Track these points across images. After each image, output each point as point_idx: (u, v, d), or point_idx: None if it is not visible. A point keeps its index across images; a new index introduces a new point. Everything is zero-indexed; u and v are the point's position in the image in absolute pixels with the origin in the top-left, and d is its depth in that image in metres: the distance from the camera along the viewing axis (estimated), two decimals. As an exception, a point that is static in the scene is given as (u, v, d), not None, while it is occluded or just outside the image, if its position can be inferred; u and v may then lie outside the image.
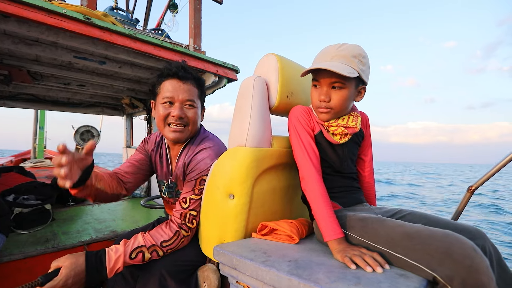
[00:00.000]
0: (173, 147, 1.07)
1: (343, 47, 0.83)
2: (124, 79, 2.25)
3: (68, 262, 0.75)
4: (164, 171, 1.12)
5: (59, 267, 0.75)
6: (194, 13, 2.05)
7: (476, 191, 1.06)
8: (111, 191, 0.99)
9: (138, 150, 1.17)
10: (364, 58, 0.84)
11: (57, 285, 0.72)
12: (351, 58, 0.82)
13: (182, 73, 0.97)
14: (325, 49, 0.87)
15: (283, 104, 0.97)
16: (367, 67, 0.86)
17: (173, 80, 0.97)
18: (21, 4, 1.11)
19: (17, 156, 5.49)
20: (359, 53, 0.83)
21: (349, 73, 0.79)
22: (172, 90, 0.96)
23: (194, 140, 1.04)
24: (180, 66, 0.98)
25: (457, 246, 0.58)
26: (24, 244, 1.49)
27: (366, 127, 1.04)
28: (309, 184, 0.83)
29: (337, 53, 0.83)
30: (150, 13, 2.83)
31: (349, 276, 0.60)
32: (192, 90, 0.99)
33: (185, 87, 0.97)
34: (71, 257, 0.77)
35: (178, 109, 0.96)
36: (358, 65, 0.82)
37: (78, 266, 0.76)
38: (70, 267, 0.74)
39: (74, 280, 0.74)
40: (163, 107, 0.96)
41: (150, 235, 0.89)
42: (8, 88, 2.24)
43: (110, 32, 1.39)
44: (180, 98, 0.96)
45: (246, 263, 0.69)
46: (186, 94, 0.97)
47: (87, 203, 2.48)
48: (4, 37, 1.41)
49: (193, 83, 1.00)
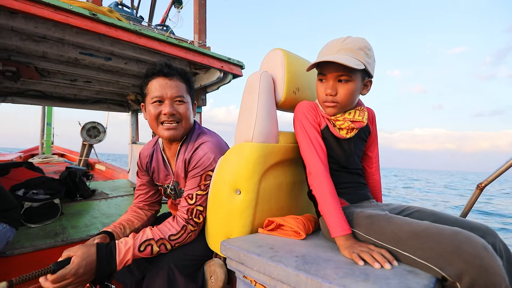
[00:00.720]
0: (170, 146, 1.06)
1: (348, 40, 0.83)
2: (129, 75, 2.26)
3: (80, 252, 0.76)
4: (163, 175, 1.11)
5: (70, 256, 0.76)
6: (198, 9, 2.04)
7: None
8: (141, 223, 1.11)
9: (137, 174, 1.19)
10: (370, 51, 0.84)
11: (69, 273, 0.72)
12: (357, 51, 0.81)
13: (167, 69, 0.96)
14: (329, 42, 0.86)
15: (289, 99, 0.96)
16: (372, 59, 0.85)
17: (159, 78, 0.96)
18: (28, 0, 1.12)
19: (26, 152, 5.59)
20: (365, 46, 0.83)
21: (357, 65, 0.78)
22: (159, 88, 0.95)
23: (191, 136, 1.04)
24: (164, 64, 0.98)
25: (467, 245, 0.57)
26: (34, 238, 1.52)
27: (372, 123, 1.03)
28: (316, 179, 0.82)
29: (342, 46, 0.82)
30: (155, 9, 2.83)
31: (357, 272, 0.59)
32: (180, 85, 0.99)
33: (172, 83, 0.96)
34: (82, 247, 0.78)
35: (169, 106, 0.95)
36: (364, 57, 0.82)
37: (89, 256, 0.76)
38: (81, 256, 0.75)
39: (85, 269, 0.75)
40: (153, 107, 0.96)
41: (158, 228, 0.90)
42: (16, 84, 2.27)
43: (116, 28, 1.40)
44: (169, 95, 0.95)
45: (253, 258, 0.69)
46: (175, 90, 0.96)
47: (94, 198, 2.52)
48: (11, 34, 1.43)
49: (180, 78, 0.99)
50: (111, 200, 2.50)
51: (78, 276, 0.74)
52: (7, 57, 1.69)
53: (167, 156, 1.09)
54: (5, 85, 2.27)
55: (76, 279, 0.74)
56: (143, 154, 1.15)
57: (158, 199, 1.21)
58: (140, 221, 1.11)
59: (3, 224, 1.21)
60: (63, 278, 0.72)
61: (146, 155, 1.14)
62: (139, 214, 1.14)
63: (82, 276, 0.75)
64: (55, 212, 1.88)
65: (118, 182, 3.39)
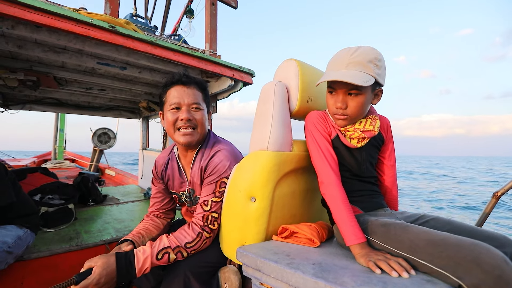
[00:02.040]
0: (186, 154, 1.09)
1: (357, 53, 0.81)
2: (143, 84, 2.32)
3: (101, 262, 0.79)
4: (178, 183, 1.14)
5: (91, 266, 0.79)
6: (210, 19, 2.10)
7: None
8: (158, 231, 1.14)
9: (152, 182, 1.22)
10: (380, 62, 0.83)
11: (91, 283, 0.75)
12: (367, 64, 0.81)
13: (185, 79, 1.02)
14: (338, 54, 0.86)
15: (303, 108, 0.98)
16: (383, 69, 0.84)
17: (177, 87, 1.01)
18: (53, 15, 1.18)
19: (39, 157, 5.74)
20: (375, 57, 0.82)
21: (365, 82, 0.78)
22: (177, 95, 1.00)
23: (207, 144, 1.07)
24: (183, 74, 1.03)
25: (487, 256, 0.56)
26: (50, 242, 1.56)
27: (387, 132, 1.03)
28: (328, 188, 0.83)
29: (351, 60, 0.81)
30: (167, 19, 2.92)
31: (375, 280, 0.60)
32: (197, 93, 1.04)
33: (190, 91, 1.02)
34: (103, 257, 0.81)
35: (186, 112, 0.99)
36: (374, 69, 0.81)
37: (109, 266, 0.79)
38: (102, 266, 0.78)
39: (106, 279, 0.77)
40: (171, 113, 1.00)
41: (174, 236, 0.92)
42: (35, 92, 2.36)
43: (132, 39, 1.45)
44: (186, 102, 1.00)
45: (270, 265, 0.70)
46: (192, 98, 1.01)
47: (106, 203, 2.57)
48: (34, 46, 1.50)
49: (196, 87, 1.05)
50: (122, 205, 2.54)
51: (99, 285, 0.77)
52: (29, 67, 1.76)
53: (182, 164, 1.12)
54: (24, 93, 2.37)
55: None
56: (159, 163, 1.18)
57: (173, 206, 1.24)
58: (157, 229, 1.14)
59: (24, 229, 1.25)
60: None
61: (161, 163, 1.17)
62: (155, 223, 1.16)
63: (104, 285, 0.78)
64: (70, 217, 1.92)
65: (128, 188, 3.45)
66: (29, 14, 1.12)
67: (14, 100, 2.57)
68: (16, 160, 5.00)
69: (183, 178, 1.12)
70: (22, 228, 1.24)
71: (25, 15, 1.11)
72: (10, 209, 1.22)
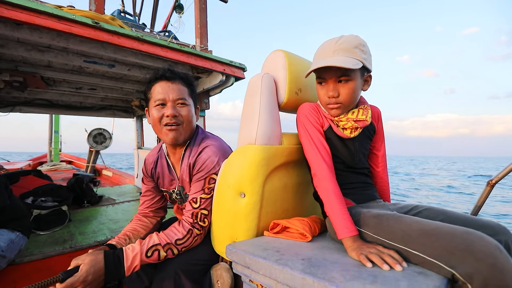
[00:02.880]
0: (174, 151, 1.07)
1: (341, 40, 0.82)
2: (133, 82, 2.28)
3: (88, 259, 0.77)
4: (168, 180, 1.12)
5: (79, 264, 0.77)
6: (199, 13, 2.05)
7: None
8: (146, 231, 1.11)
9: (142, 181, 1.20)
10: (364, 47, 0.84)
11: (77, 281, 0.73)
12: (353, 49, 0.81)
13: (169, 74, 0.99)
14: (323, 45, 0.86)
15: (291, 100, 0.95)
16: (368, 54, 0.85)
17: (161, 82, 0.98)
18: (32, 12, 1.14)
19: (35, 159, 5.69)
20: (359, 43, 0.82)
21: (354, 65, 0.78)
22: (162, 91, 0.97)
23: (195, 141, 1.04)
24: (167, 69, 1.00)
25: (480, 244, 0.55)
26: (43, 245, 1.54)
27: (377, 121, 1.02)
28: (321, 181, 0.82)
29: (337, 47, 0.82)
30: (156, 15, 2.86)
31: (365, 274, 0.58)
32: (182, 89, 1.00)
33: (174, 86, 0.98)
34: (90, 255, 0.79)
35: (171, 108, 0.96)
36: (361, 54, 0.81)
37: (97, 263, 0.77)
38: (90, 263, 0.76)
39: (93, 277, 0.75)
40: (156, 110, 0.97)
41: (165, 234, 0.90)
42: (24, 94, 2.31)
43: (118, 35, 1.41)
44: (171, 98, 0.97)
45: (259, 261, 0.68)
46: (176, 93, 0.98)
47: (101, 204, 2.54)
48: (17, 45, 1.46)
49: (182, 82, 1.01)
50: (118, 205, 2.51)
51: (87, 283, 0.75)
52: (14, 67, 1.72)
53: (171, 161, 1.10)
54: (13, 95, 2.32)
55: (85, 287, 0.75)
56: (148, 161, 1.16)
57: (163, 205, 1.21)
58: (145, 229, 1.12)
59: (16, 233, 1.23)
60: (72, 286, 0.73)
61: (151, 161, 1.15)
62: (144, 223, 1.14)
63: (91, 283, 0.76)
64: (63, 219, 1.90)
65: (124, 188, 3.42)
66: (7, 11, 1.08)
67: (2, 102, 2.52)
68: (11, 164, 4.96)
69: (172, 175, 1.10)
70: (14, 232, 1.22)
71: (3, 12, 1.07)
72: (1, 213, 1.20)
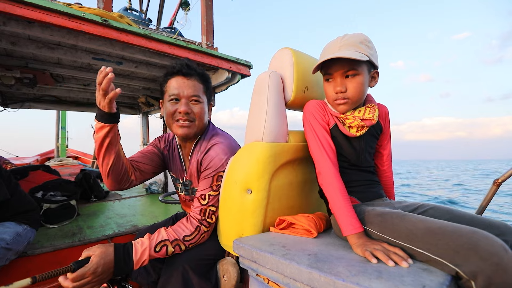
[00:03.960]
0: (185, 145, 1.09)
1: (347, 37, 0.83)
2: (140, 79, 2.30)
3: (99, 251, 0.79)
4: (178, 169, 1.14)
5: (89, 255, 0.79)
6: (206, 10, 2.06)
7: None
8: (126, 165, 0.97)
9: (150, 144, 1.20)
10: (370, 43, 0.84)
11: (88, 272, 0.76)
12: (358, 44, 0.82)
13: (186, 69, 0.99)
14: (329, 43, 0.87)
15: (298, 98, 0.96)
16: (374, 51, 0.85)
17: (178, 77, 0.99)
18: (43, 10, 1.16)
19: (42, 155, 5.78)
20: (364, 39, 0.83)
21: (361, 57, 0.78)
22: (177, 87, 0.98)
23: (205, 137, 1.06)
24: (185, 64, 1.00)
25: (485, 243, 0.56)
26: (53, 238, 1.58)
27: (385, 120, 1.01)
28: (326, 179, 0.82)
29: (343, 43, 0.82)
30: (163, 12, 2.87)
31: (370, 270, 0.59)
32: (197, 85, 1.01)
33: (190, 83, 0.99)
34: (101, 247, 0.81)
35: (184, 105, 0.98)
36: (366, 49, 0.82)
37: (107, 256, 0.79)
38: (100, 255, 0.78)
39: (103, 268, 0.78)
40: (170, 104, 0.99)
41: (173, 230, 0.92)
42: (33, 90, 2.35)
43: (126, 33, 1.43)
44: (186, 94, 0.98)
45: (266, 256, 0.70)
46: (191, 90, 0.99)
47: (108, 199, 2.59)
48: (28, 42, 1.49)
49: (198, 78, 1.02)
50: (124, 200, 2.56)
51: (96, 274, 0.77)
52: (25, 64, 1.75)
53: (182, 154, 1.12)
54: (22, 91, 2.36)
55: (94, 278, 0.77)
56: (163, 139, 1.19)
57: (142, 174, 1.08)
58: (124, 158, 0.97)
59: (24, 225, 1.26)
60: (82, 277, 0.75)
61: (165, 141, 1.19)
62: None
63: (101, 275, 0.78)
64: (72, 213, 1.94)
65: (130, 183, 3.47)
66: (19, 9, 1.10)
67: (12, 98, 2.57)
68: (20, 159, 5.05)
69: (182, 167, 1.13)
70: (21, 225, 1.26)
71: (15, 10, 1.10)
72: (6, 206, 1.23)
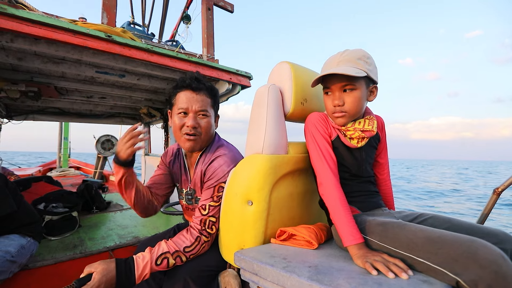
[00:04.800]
0: (190, 155, 1.12)
1: (346, 53, 0.86)
2: (142, 90, 2.34)
3: (101, 268, 0.80)
4: (183, 179, 1.16)
5: (91, 272, 0.80)
6: (206, 24, 2.11)
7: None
8: (147, 196, 1.09)
9: (159, 166, 1.24)
10: (369, 59, 0.86)
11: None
12: (357, 61, 0.84)
13: (195, 84, 1.02)
14: (329, 58, 0.90)
15: (297, 110, 0.98)
16: (373, 67, 0.88)
17: (187, 92, 1.02)
18: (50, 27, 1.20)
19: (45, 165, 5.82)
20: (363, 55, 0.86)
21: (357, 73, 0.81)
22: (186, 101, 1.00)
23: (210, 148, 1.08)
24: (194, 78, 1.03)
25: (484, 251, 0.56)
26: (55, 250, 1.58)
27: (382, 131, 1.04)
28: (327, 189, 0.83)
29: (342, 59, 0.85)
30: (164, 25, 2.95)
31: (370, 282, 0.60)
32: (205, 100, 1.04)
33: (199, 97, 1.02)
34: (103, 263, 0.82)
35: (192, 119, 1.00)
36: (364, 65, 0.84)
37: (109, 272, 0.80)
38: (102, 272, 0.79)
39: (105, 285, 0.79)
40: (178, 118, 1.02)
41: (173, 241, 0.93)
42: (37, 103, 2.40)
43: (129, 48, 1.47)
44: (194, 109, 1.01)
45: (266, 268, 0.70)
46: (199, 105, 1.01)
47: (110, 210, 2.59)
48: (34, 58, 1.53)
49: (206, 93, 1.05)
50: (125, 211, 2.56)
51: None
52: (30, 78, 1.80)
53: (188, 163, 1.15)
54: (27, 104, 2.41)
55: None
56: (169, 152, 1.22)
57: (164, 194, 1.18)
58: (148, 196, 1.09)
59: (27, 238, 1.27)
60: None
61: (171, 154, 1.21)
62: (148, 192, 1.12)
63: None
64: (74, 225, 1.94)
65: (132, 194, 3.47)
66: (27, 27, 1.14)
67: (17, 111, 2.62)
68: (22, 170, 5.08)
69: (187, 176, 1.15)
70: (25, 237, 1.26)
71: (23, 29, 1.13)
72: (12, 219, 1.24)
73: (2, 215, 1.17)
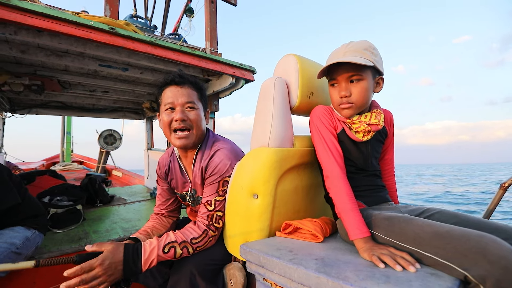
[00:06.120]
0: (186, 155, 1.09)
1: (352, 44, 0.85)
2: (145, 84, 2.33)
3: (110, 247, 0.81)
4: (181, 183, 1.15)
5: (100, 250, 0.80)
6: (209, 17, 2.09)
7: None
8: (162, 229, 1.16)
9: (157, 182, 1.24)
10: (375, 50, 0.86)
11: (95, 263, 0.76)
12: (363, 51, 0.83)
13: (178, 79, 1.02)
14: (334, 50, 0.89)
15: (304, 104, 0.97)
16: (379, 58, 0.87)
17: (171, 87, 1.01)
18: (53, 19, 1.19)
19: (48, 160, 5.85)
20: (369, 46, 0.85)
21: (365, 62, 0.80)
22: (171, 95, 1.00)
23: (206, 144, 1.07)
24: (177, 74, 1.03)
25: (493, 247, 0.56)
26: (60, 242, 1.60)
27: (390, 126, 1.02)
28: (334, 182, 0.83)
29: (348, 49, 0.84)
30: (167, 18, 2.92)
31: (378, 274, 0.59)
32: (191, 93, 1.03)
33: (183, 91, 1.01)
34: (114, 244, 0.83)
35: (180, 112, 0.98)
36: (371, 56, 0.84)
37: (117, 253, 0.80)
38: (110, 250, 0.80)
39: (110, 262, 0.78)
40: (166, 114, 1.00)
41: (181, 232, 0.93)
42: (40, 97, 2.40)
43: (132, 40, 1.46)
44: (180, 102, 1.00)
45: (273, 261, 0.70)
46: (185, 97, 1.01)
47: (113, 203, 2.61)
48: (38, 50, 1.52)
49: (191, 86, 1.04)
50: (129, 205, 2.57)
51: (103, 267, 0.76)
52: (33, 71, 1.79)
53: (183, 165, 1.12)
54: (30, 97, 2.41)
55: (101, 271, 0.76)
56: (161, 163, 1.20)
57: (177, 205, 1.25)
58: (164, 228, 1.16)
59: (32, 230, 1.28)
60: (90, 268, 0.75)
61: (164, 164, 1.19)
62: (162, 221, 1.18)
63: (108, 269, 0.77)
64: (78, 218, 1.96)
65: (135, 188, 3.49)
66: (30, 19, 1.14)
67: (20, 104, 2.62)
68: (26, 164, 5.11)
69: (185, 178, 1.13)
70: (30, 229, 1.27)
71: (27, 20, 1.13)
72: (16, 211, 1.25)
73: (6, 207, 1.18)
